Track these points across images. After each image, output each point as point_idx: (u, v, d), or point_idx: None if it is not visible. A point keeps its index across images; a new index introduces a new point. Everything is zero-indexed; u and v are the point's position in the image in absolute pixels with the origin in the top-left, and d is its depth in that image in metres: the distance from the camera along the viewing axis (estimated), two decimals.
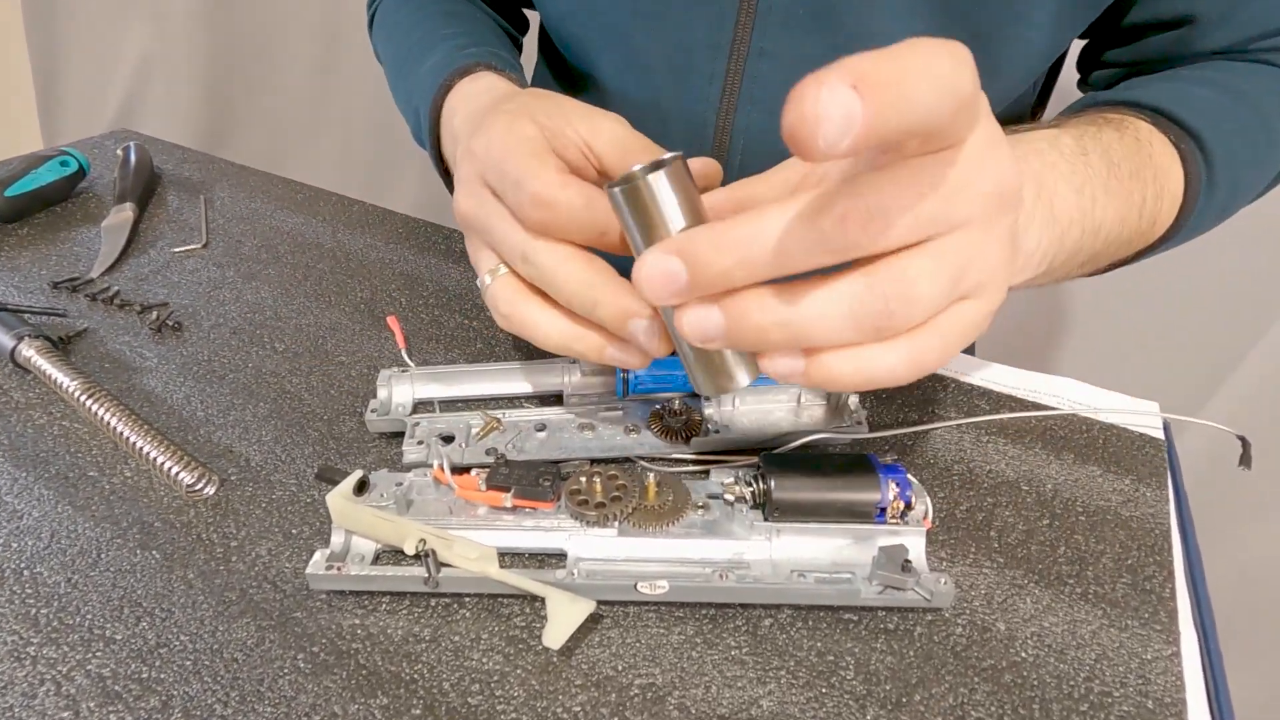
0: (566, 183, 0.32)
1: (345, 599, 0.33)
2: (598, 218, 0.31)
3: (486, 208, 0.34)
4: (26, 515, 0.36)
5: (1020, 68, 0.49)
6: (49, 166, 0.61)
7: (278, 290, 0.53)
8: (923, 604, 0.32)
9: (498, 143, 0.34)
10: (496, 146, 0.34)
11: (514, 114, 0.35)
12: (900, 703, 0.30)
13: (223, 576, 0.34)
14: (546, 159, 0.33)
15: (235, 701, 0.29)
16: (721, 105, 0.52)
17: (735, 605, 0.33)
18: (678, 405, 0.39)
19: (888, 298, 0.24)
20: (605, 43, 0.53)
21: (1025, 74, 0.50)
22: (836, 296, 0.24)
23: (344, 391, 0.44)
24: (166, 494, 0.38)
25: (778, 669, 0.31)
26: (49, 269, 0.55)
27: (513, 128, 0.34)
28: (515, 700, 0.30)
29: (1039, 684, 0.30)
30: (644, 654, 0.31)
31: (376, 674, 0.30)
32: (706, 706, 0.29)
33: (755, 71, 0.50)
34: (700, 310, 0.25)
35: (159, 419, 0.42)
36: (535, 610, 0.33)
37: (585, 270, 0.32)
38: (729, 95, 0.51)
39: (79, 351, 0.47)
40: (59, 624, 0.32)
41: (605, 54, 0.54)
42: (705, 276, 0.24)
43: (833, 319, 0.24)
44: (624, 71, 0.54)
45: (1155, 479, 0.40)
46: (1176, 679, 0.31)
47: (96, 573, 0.34)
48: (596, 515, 0.33)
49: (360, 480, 0.35)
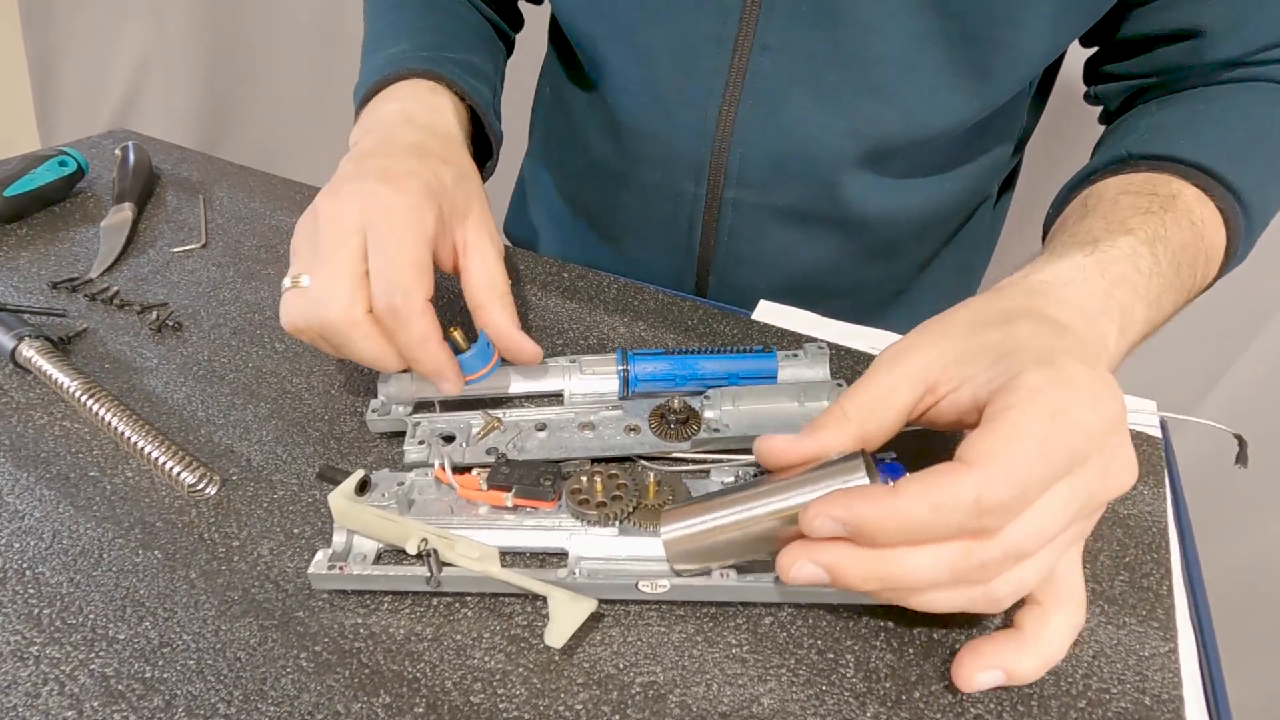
0: (436, 343, 0.38)
1: (347, 598, 0.33)
2: (429, 369, 0.38)
3: (348, 251, 0.37)
4: (28, 516, 0.36)
5: (1013, 71, 0.49)
6: (47, 166, 0.61)
7: (277, 290, 0.53)
8: None
9: (398, 226, 0.37)
10: (396, 229, 0.37)
11: (423, 191, 0.39)
12: (900, 700, 0.30)
13: (225, 576, 0.34)
14: (427, 277, 0.38)
15: (238, 700, 0.29)
16: (724, 98, 0.52)
17: (736, 604, 0.33)
18: (678, 404, 0.40)
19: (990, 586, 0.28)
20: (612, 36, 0.54)
21: (1018, 77, 0.50)
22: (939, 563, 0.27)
23: (345, 391, 0.44)
24: (168, 494, 0.38)
25: (778, 667, 0.31)
26: (48, 269, 0.55)
27: (417, 212, 0.38)
28: (517, 699, 0.30)
29: (1037, 681, 0.31)
30: (645, 652, 0.31)
31: (379, 673, 0.30)
32: (708, 704, 0.30)
33: (758, 66, 0.51)
34: (810, 569, 0.28)
35: (160, 419, 0.42)
36: (537, 609, 0.33)
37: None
38: (731, 89, 0.52)
39: (79, 352, 0.47)
40: (62, 624, 0.32)
41: (612, 47, 0.54)
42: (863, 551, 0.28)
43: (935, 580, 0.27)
44: (629, 64, 0.54)
45: (1152, 477, 0.40)
46: (1174, 676, 0.31)
47: (99, 573, 0.34)
48: (597, 514, 0.34)
49: (362, 480, 0.35)
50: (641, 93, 0.55)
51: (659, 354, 0.42)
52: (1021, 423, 0.26)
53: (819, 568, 0.28)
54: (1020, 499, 0.26)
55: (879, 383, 0.31)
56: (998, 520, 0.26)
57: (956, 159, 0.57)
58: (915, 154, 0.54)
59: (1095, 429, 0.26)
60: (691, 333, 0.50)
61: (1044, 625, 0.29)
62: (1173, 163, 0.42)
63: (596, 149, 0.61)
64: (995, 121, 0.54)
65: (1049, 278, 0.34)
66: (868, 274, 0.62)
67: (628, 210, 0.62)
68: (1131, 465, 0.28)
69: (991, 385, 0.28)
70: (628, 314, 0.52)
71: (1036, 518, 0.26)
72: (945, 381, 0.30)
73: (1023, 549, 0.26)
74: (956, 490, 0.26)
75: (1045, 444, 0.26)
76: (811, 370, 0.42)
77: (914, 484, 0.26)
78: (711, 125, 0.54)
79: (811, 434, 0.30)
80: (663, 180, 0.58)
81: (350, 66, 0.55)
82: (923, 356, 0.31)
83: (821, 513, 0.28)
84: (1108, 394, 0.28)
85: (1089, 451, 0.27)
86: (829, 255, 0.59)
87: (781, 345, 0.45)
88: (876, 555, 0.27)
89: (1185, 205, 0.41)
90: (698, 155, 0.55)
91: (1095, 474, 0.27)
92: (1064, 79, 0.60)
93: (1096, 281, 0.35)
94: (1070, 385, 0.27)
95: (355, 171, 0.40)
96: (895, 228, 0.58)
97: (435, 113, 0.47)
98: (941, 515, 0.26)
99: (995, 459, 0.26)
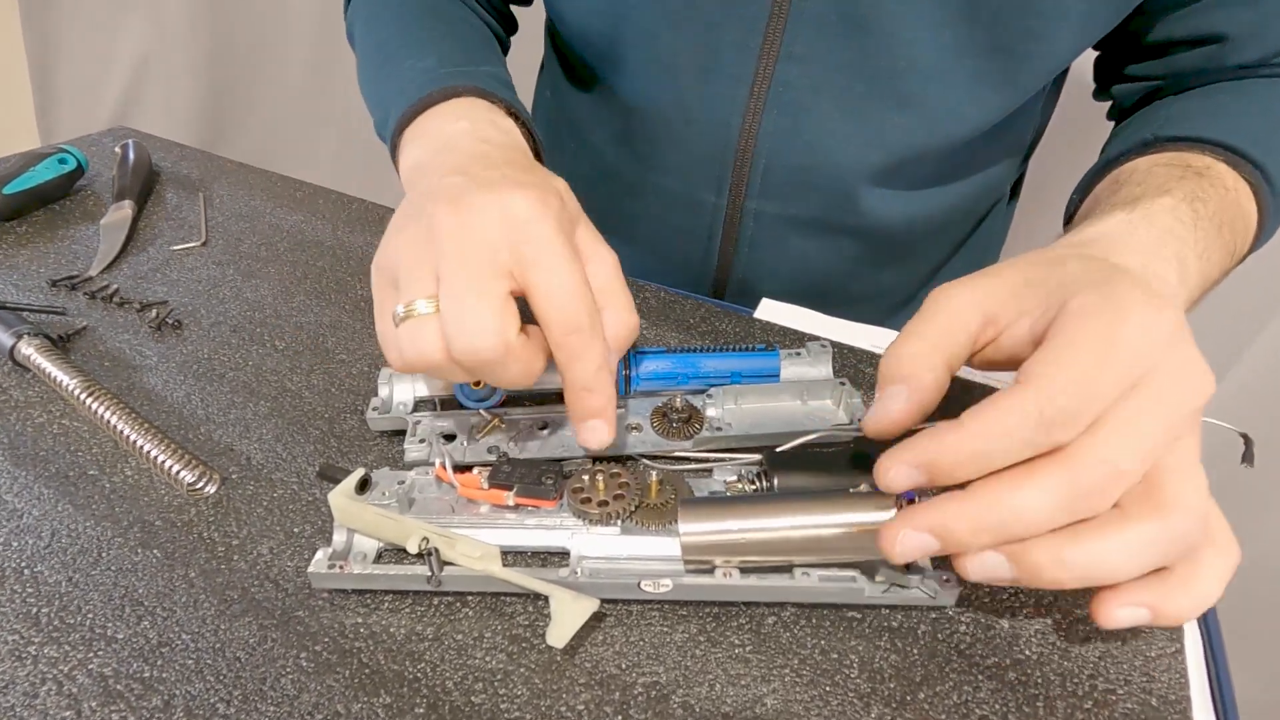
0: (611, 372, 0.34)
1: (347, 598, 0.33)
2: (599, 403, 0.34)
3: (494, 268, 0.32)
4: (27, 514, 0.36)
5: (1037, 79, 0.50)
6: (47, 164, 0.61)
7: (278, 288, 0.53)
8: (927, 602, 0.32)
9: (559, 240, 0.32)
10: (557, 244, 0.32)
11: (560, 203, 0.34)
12: (905, 701, 0.30)
13: (224, 575, 0.34)
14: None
15: (238, 700, 0.29)
16: (748, 107, 0.52)
17: (739, 603, 0.33)
18: (680, 403, 0.39)
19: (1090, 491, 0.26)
20: (631, 42, 0.53)
21: (1040, 84, 0.51)
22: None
23: (345, 389, 0.44)
24: (167, 493, 0.38)
25: (782, 667, 0.31)
26: (48, 267, 0.54)
27: (567, 225, 0.34)
28: (519, 699, 0.29)
29: (1043, 681, 0.30)
30: (647, 652, 0.31)
31: (379, 673, 0.30)
32: (710, 705, 0.29)
33: (784, 75, 0.50)
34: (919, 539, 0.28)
35: (159, 417, 0.42)
36: (538, 609, 0.33)
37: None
38: (756, 98, 0.51)
39: (78, 350, 0.47)
40: (60, 623, 0.32)
41: (630, 53, 0.53)
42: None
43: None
44: (648, 71, 0.53)
45: None
46: (1180, 676, 0.31)
47: (97, 572, 0.34)
48: (599, 513, 0.33)
49: (362, 479, 0.35)
50: (661, 100, 0.54)
51: (661, 352, 0.41)
52: (1074, 336, 0.26)
53: (924, 534, 0.27)
54: (1083, 406, 0.25)
55: (948, 308, 0.30)
56: (1066, 431, 0.25)
57: (975, 162, 0.56)
58: (937, 161, 0.53)
59: (1153, 333, 0.26)
60: (694, 331, 0.50)
61: (1196, 564, 0.28)
62: (1200, 143, 0.43)
63: (606, 155, 0.60)
64: (1013, 123, 0.54)
65: (1094, 235, 0.34)
66: (884, 278, 0.62)
67: (641, 218, 0.62)
68: (1206, 371, 0.27)
69: (1048, 315, 0.28)
70: None
71: (1121, 429, 0.26)
72: (1003, 315, 0.30)
73: (1120, 465, 0.25)
74: (1018, 406, 0.26)
75: (1100, 351, 0.26)
76: (814, 369, 0.42)
77: (976, 411, 0.26)
78: (735, 134, 0.53)
79: (904, 381, 0.29)
80: (681, 189, 0.57)
81: (350, 63, 0.54)
82: (978, 291, 0.30)
83: (893, 463, 0.28)
84: (1162, 304, 0.27)
85: (1152, 357, 0.26)
86: (846, 262, 0.59)
87: (784, 344, 0.45)
88: (979, 503, 0.27)
89: (1218, 174, 0.41)
90: (719, 164, 0.55)
91: (1168, 381, 0.26)
92: (1069, 73, 0.60)
93: (1145, 232, 0.35)
94: (1123, 299, 0.27)
95: (470, 183, 0.34)
96: (913, 233, 0.58)
97: (506, 132, 0.43)
98: (1009, 434, 0.26)
99: (1050, 372, 0.26)
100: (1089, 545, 0.26)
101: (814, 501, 0.31)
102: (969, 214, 0.61)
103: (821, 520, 0.30)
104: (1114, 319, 0.26)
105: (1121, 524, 0.26)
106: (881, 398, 0.30)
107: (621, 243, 0.65)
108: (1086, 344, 0.26)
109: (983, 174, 0.57)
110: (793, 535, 0.30)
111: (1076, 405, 0.25)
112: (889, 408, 0.29)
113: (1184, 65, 0.49)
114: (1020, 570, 0.27)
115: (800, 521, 0.30)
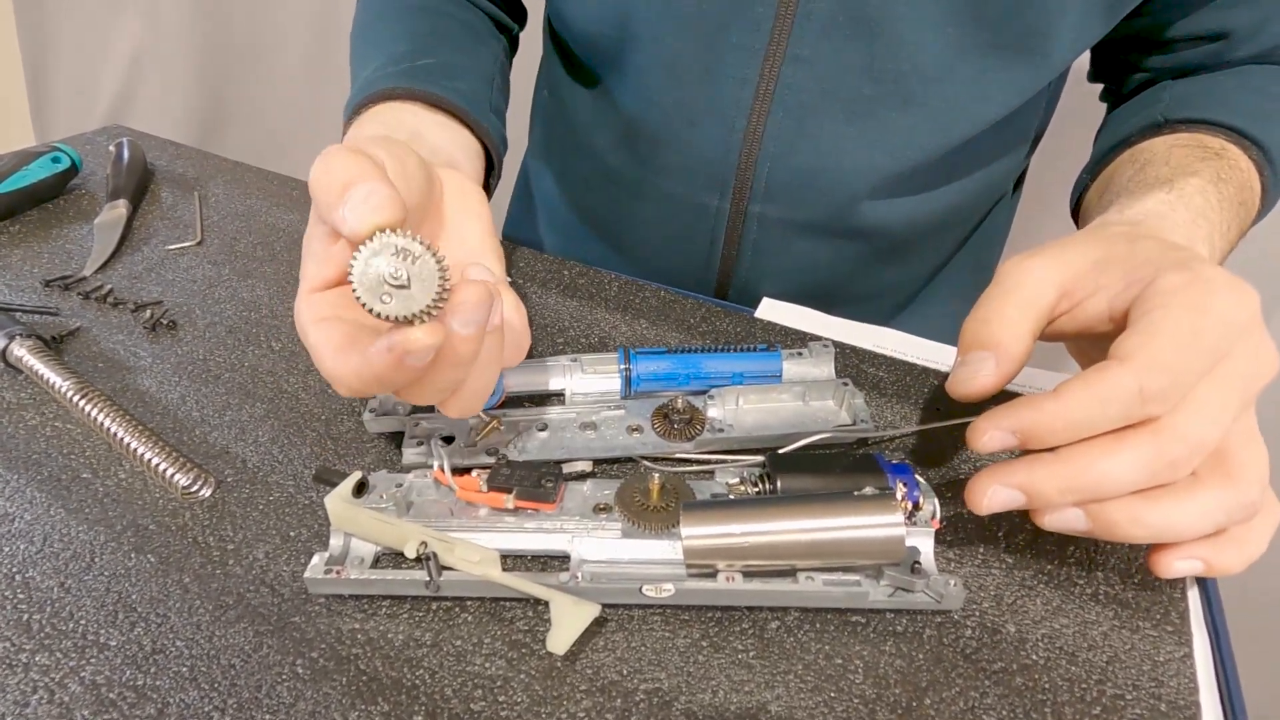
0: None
1: (344, 603, 0.33)
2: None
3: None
4: (18, 519, 0.36)
5: (1042, 76, 0.50)
6: (40, 163, 0.60)
7: (274, 288, 0.53)
8: (932, 606, 0.32)
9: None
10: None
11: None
12: (910, 706, 0.29)
13: (219, 580, 0.33)
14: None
15: (233, 709, 0.29)
16: (753, 110, 0.51)
17: (742, 608, 0.32)
18: (681, 404, 0.39)
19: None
20: (636, 44, 0.52)
21: (1044, 81, 0.51)
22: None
23: None
24: (161, 496, 0.37)
25: (785, 673, 0.30)
26: (41, 267, 0.54)
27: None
28: (519, 706, 0.29)
29: (1050, 687, 0.30)
30: (649, 658, 0.31)
31: (377, 680, 0.30)
32: (714, 711, 0.29)
33: (789, 77, 0.50)
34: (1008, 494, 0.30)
35: (153, 419, 0.41)
36: (539, 614, 0.32)
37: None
38: (761, 100, 0.51)
39: (72, 351, 0.46)
40: (52, 630, 0.31)
41: (634, 55, 0.53)
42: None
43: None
44: (652, 72, 0.53)
45: None
46: (1189, 681, 0.31)
47: (90, 577, 0.33)
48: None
49: (359, 482, 0.34)
50: (664, 101, 0.53)
51: (661, 353, 0.41)
52: (1170, 317, 0.28)
53: (1014, 490, 0.29)
54: (1178, 385, 0.27)
55: (1029, 280, 0.31)
56: (1160, 407, 0.27)
57: (980, 160, 0.56)
58: (942, 161, 0.53)
59: (1237, 319, 0.28)
60: (694, 331, 0.50)
61: (1248, 523, 0.30)
62: (1210, 125, 0.45)
63: (608, 157, 0.60)
64: (1018, 119, 0.54)
65: (1140, 214, 0.37)
66: (887, 278, 0.61)
67: (643, 221, 0.61)
68: (1274, 353, 0.29)
69: (1130, 293, 0.30)
70: (629, 312, 0.51)
71: (1206, 406, 0.28)
72: (1080, 288, 0.31)
73: (1204, 439, 0.28)
74: (1119, 381, 0.27)
75: (1194, 334, 0.27)
76: (816, 369, 0.41)
77: (1075, 382, 0.28)
78: (739, 137, 0.53)
79: (994, 349, 0.31)
80: (683, 192, 0.57)
81: (345, 60, 0.54)
82: (1056, 264, 0.32)
83: (989, 426, 0.29)
84: (1244, 289, 0.29)
85: (1234, 340, 0.28)
86: (849, 263, 0.59)
87: (785, 343, 0.45)
88: (1068, 465, 0.28)
89: (1233, 156, 0.44)
90: (723, 167, 0.54)
91: (1245, 362, 0.28)
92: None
93: (1183, 213, 0.38)
94: (1209, 283, 0.29)
95: None
96: (917, 232, 0.58)
97: (415, 136, 0.42)
98: (1106, 407, 0.27)
99: (1149, 351, 0.27)
100: (1164, 507, 0.28)
101: (818, 504, 0.30)
102: (973, 211, 0.60)
103: (826, 523, 0.30)
104: (1204, 301, 0.28)
105: (1194, 490, 0.29)
106: (967, 361, 0.31)
107: (622, 245, 0.64)
108: (1182, 324, 0.28)
109: (987, 171, 0.57)
110: (797, 539, 0.30)
111: (1173, 382, 0.27)
112: (977, 372, 0.31)
113: (1184, 60, 0.50)
114: (1096, 525, 0.29)
115: (804, 525, 0.30)
